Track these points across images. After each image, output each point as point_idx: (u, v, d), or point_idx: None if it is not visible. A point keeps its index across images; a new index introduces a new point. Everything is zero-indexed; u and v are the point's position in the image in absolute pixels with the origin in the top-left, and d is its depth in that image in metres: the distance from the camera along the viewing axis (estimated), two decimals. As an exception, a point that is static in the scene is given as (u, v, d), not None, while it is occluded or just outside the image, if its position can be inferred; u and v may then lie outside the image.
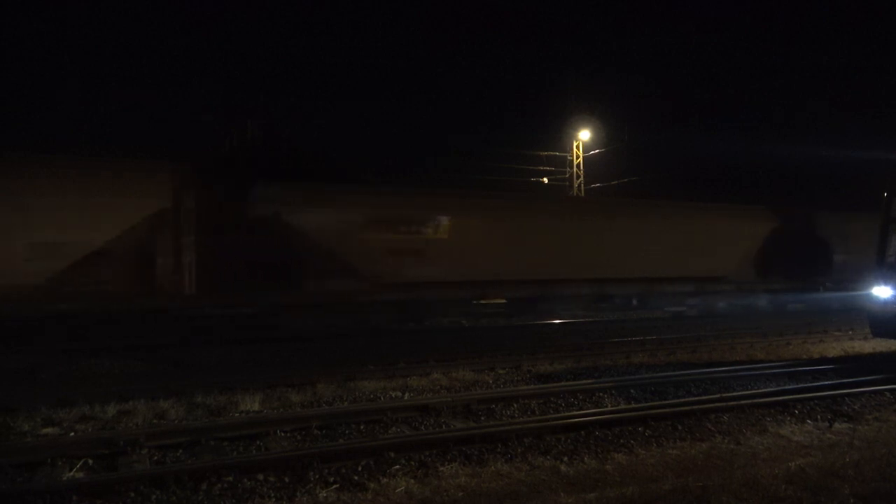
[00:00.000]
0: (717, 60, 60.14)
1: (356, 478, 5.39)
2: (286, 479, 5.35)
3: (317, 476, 5.40)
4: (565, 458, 5.89)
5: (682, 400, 8.03)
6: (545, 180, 33.04)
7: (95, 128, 44.56)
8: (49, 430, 7.08)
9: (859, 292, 21.45)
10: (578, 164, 33.34)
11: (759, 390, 8.58)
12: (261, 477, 5.37)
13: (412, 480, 5.34)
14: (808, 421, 7.17)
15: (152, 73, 49.45)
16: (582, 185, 33.16)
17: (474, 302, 17.23)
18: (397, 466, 5.65)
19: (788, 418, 7.24)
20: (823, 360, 11.31)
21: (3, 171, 12.65)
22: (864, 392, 8.27)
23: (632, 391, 8.68)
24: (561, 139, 33.76)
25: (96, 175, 13.43)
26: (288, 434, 6.72)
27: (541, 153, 32.71)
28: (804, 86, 52.66)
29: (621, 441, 6.42)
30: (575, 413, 7.36)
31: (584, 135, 33.25)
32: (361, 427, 7.03)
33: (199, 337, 13.58)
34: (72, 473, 5.67)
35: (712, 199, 24.56)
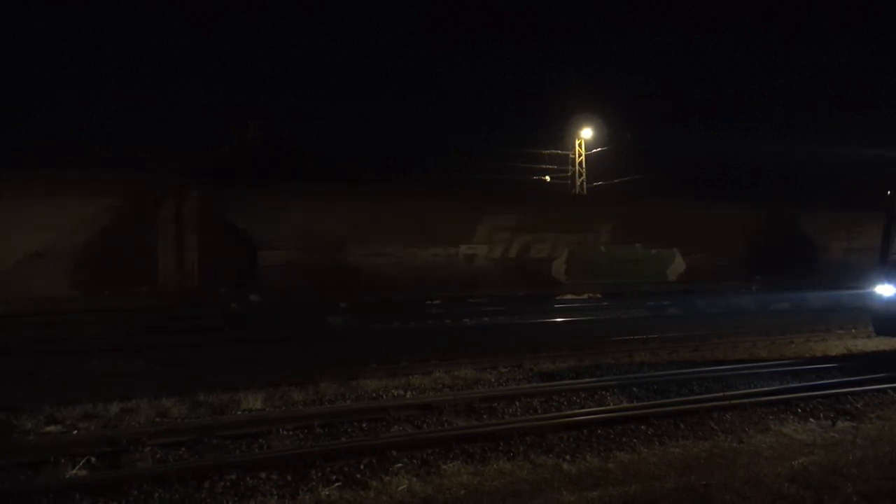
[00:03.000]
0: (717, 60, 60.15)
1: (358, 476, 5.39)
2: (288, 478, 5.35)
3: (319, 474, 5.41)
4: (567, 457, 5.89)
5: (685, 398, 8.02)
6: (547, 179, 33.04)
7: (95, 128, 44.60)
8: (52, 428, 7.09)
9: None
10: (580, 163, 33.33)
11: (762, 389, 8.55)
12: (263, 475, 5.37)
13: (414, 479, 5.34)
14: (811, 419, 7.16)
15: (152, 73, 49.43)
16: (584, 184, 33.14)
17: None
18: (399, 465, 5.66)
19: (791, 417, 7.23)
20: (826, 358, 11.28)
21: None
22: (867, 390, 8.25)
23: (634, 389, 8.67)
24: (563, 138, 33.78)
25: None
26: (290, 432, 6.72)
27: (543, 152, 32.72)
28: (804, 86, 52.62)
29: (624, 439, 6.41)
30: (577, 411, 7.35)
31: (587, 133, 33.24)
32: (364, 425, 7.03)
33: None
34: (74, 472, 5.67)
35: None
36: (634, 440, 6.39)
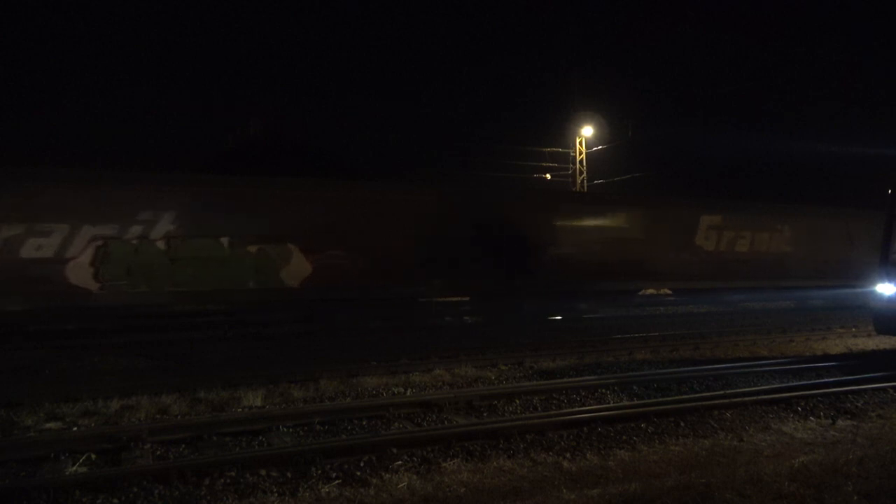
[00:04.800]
0: (717, 59, 60.09)
1: (358, 473, 5.39)
2: (288, 475, 5.35)
3: (319, 471, 5.40)
4: (567, 455, 5.89)
5: (685, 396, 8.02)
6: (548, 176, 33.03)
7: (95, 128, 44.63)
8: (52, 424, 7.09)
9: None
10: (581, 161, 33.30)
11: (762, 387, 8.54)
12: (263, 472, 5.37)
13: (414, 476, 5.34)
14: (812, 418, 7.15)
15: (152, 72, 49.45)
16: (585, 182, 33.12)
17: None
18: (399, 462, 5.65)
19: (791, 415, 7.22)
20: (826, 356, 11.28)
21: None
22: (868, 389, 8.24)
23: (634, 388, 8.66)
24: (563, 136, 33.76)
25: None
26: (290, 430, 6.72)
27: (543, 149, 32.70)
28: (804, 85, 52.57)
29: (624, 437, 6.41)
30: (577, 409, 7.35)
31: (587, 131, 33.19)
32: (364, 423, 7.03)
33: None
34: (75, 468, 5.67)
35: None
36: (635, 438, 6.38)
